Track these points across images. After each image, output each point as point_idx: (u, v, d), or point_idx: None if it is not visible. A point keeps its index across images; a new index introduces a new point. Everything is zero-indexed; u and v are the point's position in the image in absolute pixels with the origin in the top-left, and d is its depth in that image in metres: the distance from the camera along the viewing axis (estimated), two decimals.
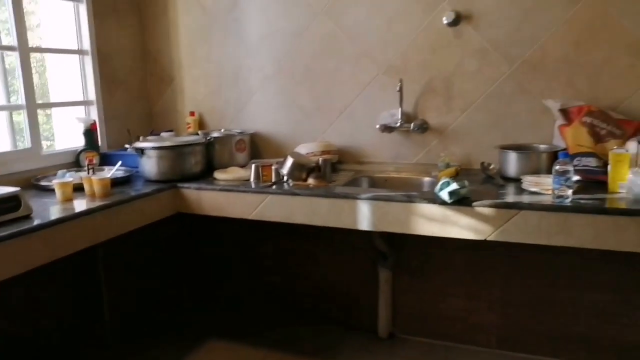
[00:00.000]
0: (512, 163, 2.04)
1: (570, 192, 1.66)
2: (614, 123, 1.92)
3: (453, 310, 2.39)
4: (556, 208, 1.63)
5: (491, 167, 2.15)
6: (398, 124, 2.36)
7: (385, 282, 2.47)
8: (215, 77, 2.73)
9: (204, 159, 2.35)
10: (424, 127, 2.36)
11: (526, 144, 2.13)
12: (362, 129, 2.47)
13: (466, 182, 1.82)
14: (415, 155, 2.40)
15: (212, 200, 2.14)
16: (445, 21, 2.21)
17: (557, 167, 1.65)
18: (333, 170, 2.36)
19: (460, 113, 2.29)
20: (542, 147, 2.09)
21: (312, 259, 2.63)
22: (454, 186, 1.74)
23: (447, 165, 2.21)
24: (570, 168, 1.64)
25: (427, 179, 2.25)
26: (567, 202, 1.64)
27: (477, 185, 1.99)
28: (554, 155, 1.97)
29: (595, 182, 1.86)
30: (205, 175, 2.31)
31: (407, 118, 2.37)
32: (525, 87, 2.16)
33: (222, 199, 2.11)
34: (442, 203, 1.76)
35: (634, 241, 1.56)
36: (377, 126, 2.38)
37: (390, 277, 2.47)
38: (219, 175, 2.25)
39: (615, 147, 1.79)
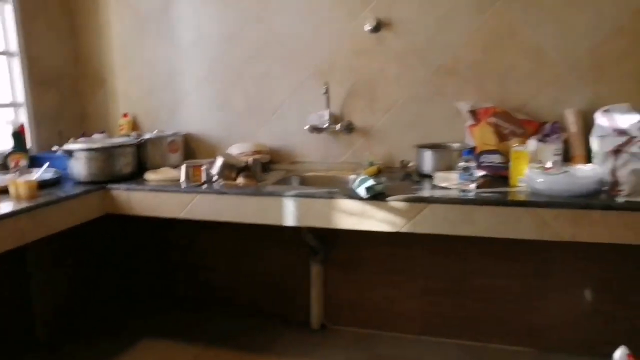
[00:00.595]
0: (428, 160, 2.19)
1: (473, 186, 1.82)
2: (517, 123, 2.11)
3: (380, 300, 2.53)
4: (460, 201, 1.79)
5: (409, 164, 2.30)
6: (326, 125, 2.47)
7: (316, 275, 2.58)
8: (149, 79, 2.76)
9: (135, 160, 2.38)
10: (350, 128, 2.48)
11: (441, 143, 2.29)
12: (293, 130, 2.57)
13: (383, 179, 1.96)
14: (343, 155, 2.52)
15: (141, 200, 2.18)
16: (367, 28, 2.34)
17: (461, 164, 1.80)
18: (265, 170, 2.45)
19: (383, 114, 2.43)
20: (455, 145, 2.26)
21: (246, 255, 2.72)
22: (370, 182, 1.86)
23: (371, 164, 2.35)
24: (473, 164, 1.80)
25: (353, 177, 2.36)
26: (471, 195, 1.80)
27: (397, 181, 2.13)
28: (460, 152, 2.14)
29: (499, 177, 2.03)
30: (136, 176, 2.34)
31: (334, 119, 2.48)
32: (440, 90, 2.32)
33: (152, 199, 2.16)
34: (360, 198, 1.89)
35: (529, 230, 1.74)
36: (306, 127, 2.49)
37: (321, 270, 2.58)
38: (149, 175, 2.29)
39: (516, 144, 1.97)
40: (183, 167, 2.22)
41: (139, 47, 2.75)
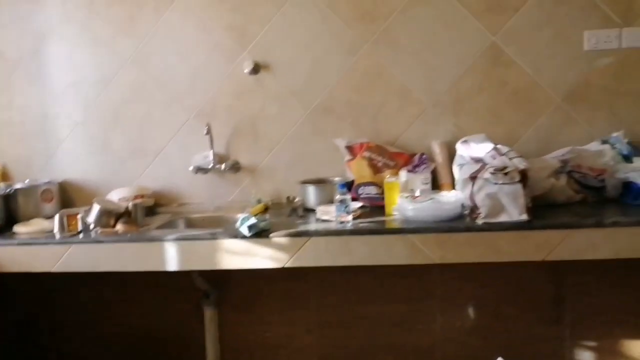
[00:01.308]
0: (312, 195, 2.26)
1: (350, 217, 1.90)
2: (389, 156, 2.25)
3: (276, 338, 2.52)
4: (338, 232, 1.86)
5: (296, 200, 2.35)
6: (211, 166, 2.47)
7: (210, 319, 2.52)
8: (19, 125, 2.61)
9: (4, 213, 2.22)
10: (236, 167, 2.51)
11: (324, 178, 2.38)
12: (177, 172, 2.54)
13: (267, 216, 2.00)
14: (231, 194, 2.53)
15: (9, 256, 2.02)
16: (246, 70, 2.40)
17: (337, 197, 1.88)
18: (150, 214, 2.39)
19: (267, 153, 2.48)
20: (336, 179, 2.35)
21: (135, 305, 2.59)
22: (252, 220, 1.89)
23: (259, 201, 2.38)
24: (348, 197, 1.89)
25: (241, 216, 2.37)
26: (348, 226, 1.88)
27: (283, 217, 2.18)
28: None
29: (377, 207, 2.15)
30: (5, 230, 2.18)
31: (219, 159, 2.49)
32: (319, 128, 2.43)
33: (22, 253, 2.02)
34: (244, 237, 1.90)
35: (402, 255, 1.84)
36: (191, 168, 2.47)
37: (215, 314, 2.52)
38: (19, 228, 2.14)
39: (388, 176, 2.09)
40: (56, 217, 2.10)
41: (8, 92, 2.60)
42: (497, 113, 2.33)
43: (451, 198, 1.95)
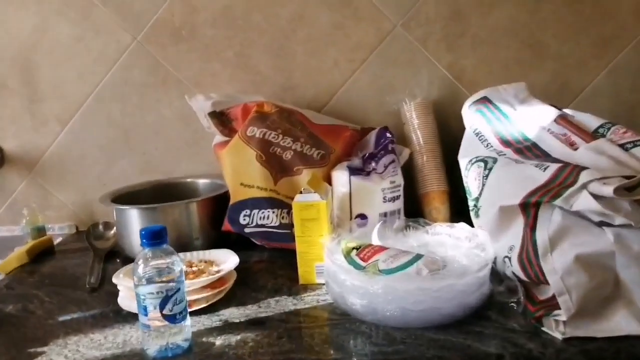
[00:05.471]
0: (136, 226, 0.98)
1: (186, 324, 0.64)
2: (307, 134, 0.98)
3: None
4: None
5: (112, 232, 1.08)
6: None
7: None
8: None
9: None
10: None
11: (178, 179, 1.12)
12: None
13: None
14: None
15: None
16: None
17: (138, 265, 0.61)
18: None
19: (61, 126, 1.18)
20: (201, 182, 1.10)
21: None
22: None
23: (38, 231, 1.11)
24: (174, 259, 0.62)
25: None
26: (178, 344, 0.63)
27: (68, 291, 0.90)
28: (214, 203, 0.99)
29: (283, 252, 0.92)
30: None
31: None
32: (165, 73, 1.14)
33: None
34: None
35: None
36: None
37: None
38: None
39: (304, 187, 0.84)
40: None
41: None
42: (535, 35, 1.11)
43: (466, 250, 0.72)
